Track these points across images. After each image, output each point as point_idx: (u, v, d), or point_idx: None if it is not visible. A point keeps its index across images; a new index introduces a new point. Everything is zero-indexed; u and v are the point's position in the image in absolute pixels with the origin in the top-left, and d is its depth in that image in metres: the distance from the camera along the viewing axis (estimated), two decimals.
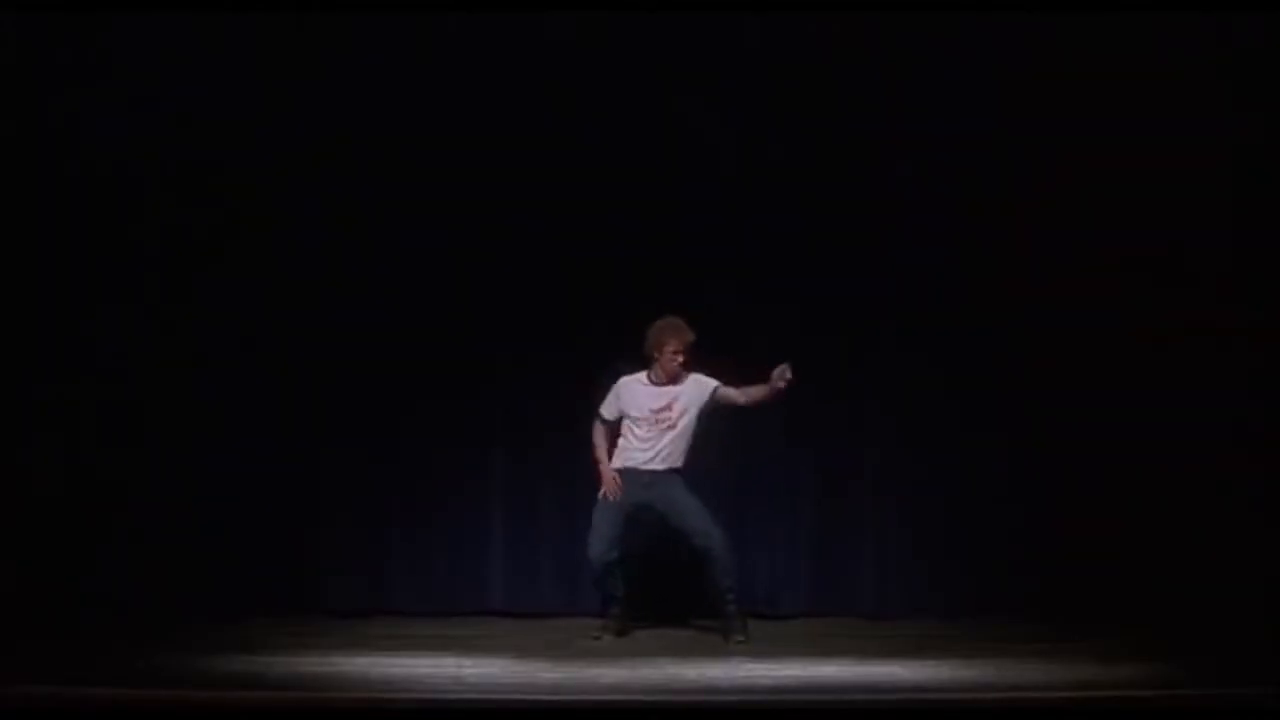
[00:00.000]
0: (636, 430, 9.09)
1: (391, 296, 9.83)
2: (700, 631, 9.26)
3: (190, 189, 9.69)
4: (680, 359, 9.02)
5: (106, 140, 9.59)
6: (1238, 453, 9.39)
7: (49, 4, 9.35)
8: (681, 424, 9.06)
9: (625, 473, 9.11)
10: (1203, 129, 9.45)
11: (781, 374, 8.78)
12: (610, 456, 9.17)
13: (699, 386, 9.08)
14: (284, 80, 9.72)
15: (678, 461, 9.08)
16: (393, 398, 9.83)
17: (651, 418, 9.05)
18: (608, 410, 9.17)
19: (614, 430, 9.19)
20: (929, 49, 9.66)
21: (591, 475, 9.54)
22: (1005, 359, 9.73)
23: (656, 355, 9.05)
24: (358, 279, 9.83)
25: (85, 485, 9.54)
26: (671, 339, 9.00)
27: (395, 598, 9.86)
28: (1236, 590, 9.20)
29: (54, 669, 7.67)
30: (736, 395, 9.03)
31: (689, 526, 9.03)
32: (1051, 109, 9.57)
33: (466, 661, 8.35)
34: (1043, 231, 9.56)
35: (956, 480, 9.83)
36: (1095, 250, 9.55)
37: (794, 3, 9.57)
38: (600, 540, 9.06)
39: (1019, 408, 9.72)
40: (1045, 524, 9.67)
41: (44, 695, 7.24)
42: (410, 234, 9.84)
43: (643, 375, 9.14)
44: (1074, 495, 9.61)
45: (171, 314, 9.71)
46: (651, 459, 9.07)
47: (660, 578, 9.42)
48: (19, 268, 9.54)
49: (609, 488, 9.09)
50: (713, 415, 9.13)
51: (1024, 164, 9.60)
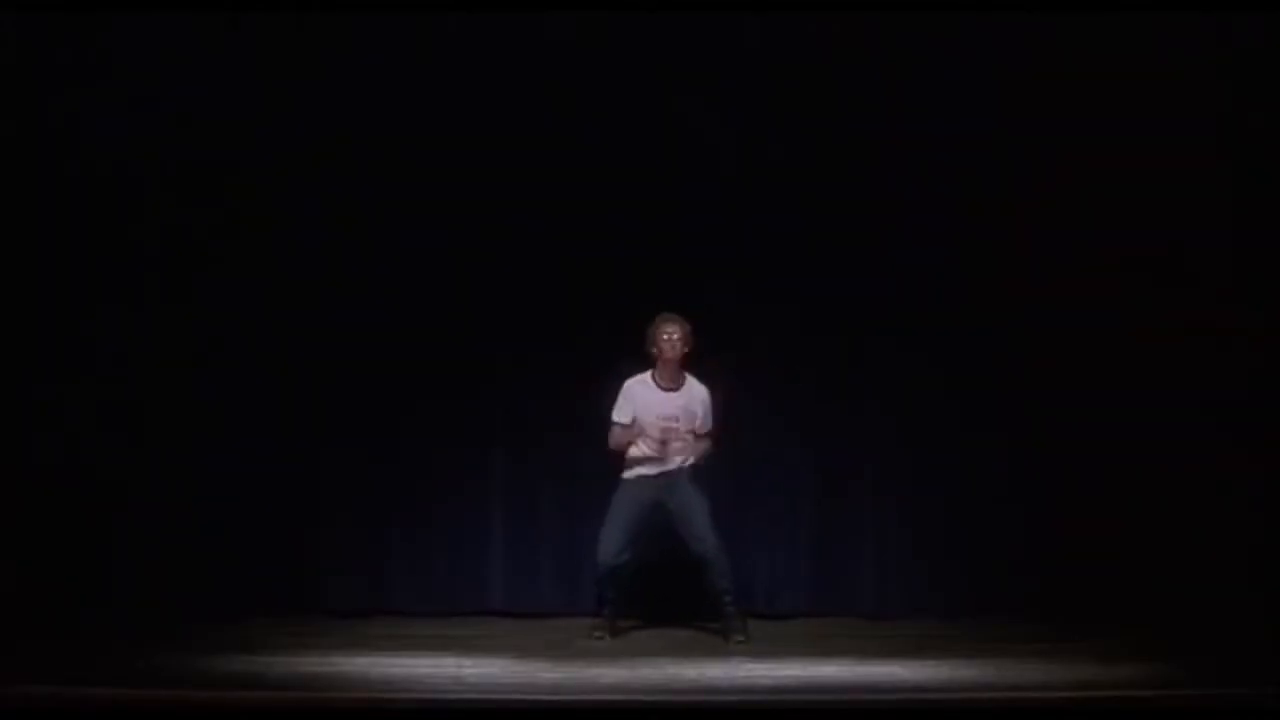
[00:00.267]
0: (644, 441, 9.10)
1: (391, 296, 9.83)
2: (700, 631, 9.26)
3: (190, 189, 9.69)
4: (675, 342, 9.02)
5: (106, 140, 9.58)
6: (1238, 453, 9.38)
7: (49, 4, 9.35)
8: (686, 427, 9.09)
9: (640, 480, 9.12)
10: (1203, 129, 9.46)
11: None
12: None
13: (697, 391, 9.12)
14: (284, 80, 9.73)
15: (689, 459, 9.10)
16: (393, 398, 9.83)
17: (658, 425, 9.06)
18: (622, 415, 9.12)
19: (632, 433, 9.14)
20: (929, 49, 9.66)
21: (592, 475, 9.58)
22: (1005, 359, 9.73)
23: (655, 349, 9.06)
24: (358, 279, 9.83)
25: (85, 485, 9.53)
26: (665, 326, 9.03)
27: (395, 598, 9.86)
28: (1236, 590, 9.20)
29: (54, 669, 7.68)
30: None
31: (690, 529, 9.04)
32: (1051, 109, 9.57)
33: (466, 661, 8.36)
34: (1043, 231, 9.56)
35: (956, 480, 9.83)
36: (1095, 250, 9.55)
37: (794, 3, 9.57)
38: (612, 542, 9.05)
39: (1019, 408, 9.73)
40: (1045, 524, 9.67)
41: (44, 695, 7.25)
42: (410, 234, 9.84)
43: (647, 376, 9.14)
44: (1074, 495, 9.61)
45: (171, 314, 9.71)
46: (664, 465, 9.10)
47: (660, 578, 9.41)
48: (19, 267, 9.53)
49: (633, 434, 9.05)
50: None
51: (1024, 164, 9.60)
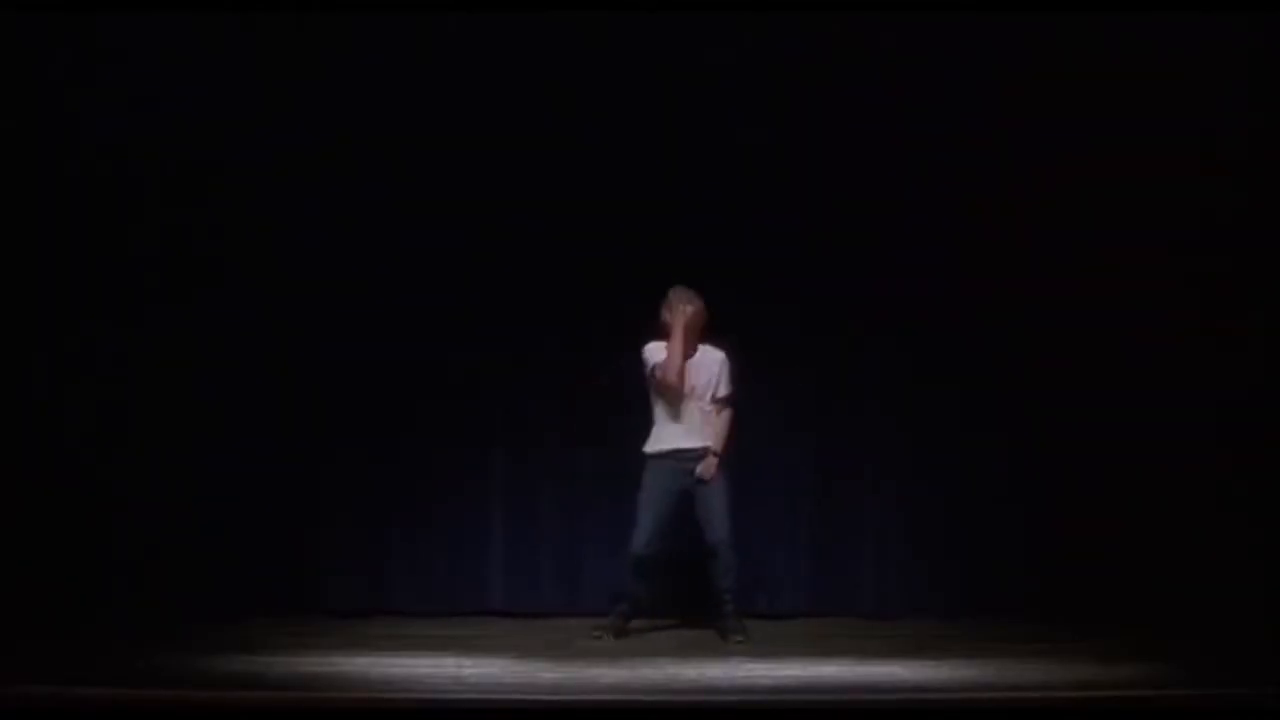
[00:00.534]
0: (665, 411, 9.07)
1: (391, 297, 9.83)
2: (700, 631, 9.26)
3: (190, 190, 9.69)
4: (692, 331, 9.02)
5: (107, 140, 9.59)
6: (1237, 453, 9.38)
7: (49, 4, 9.35)
8: (707, 396, 9.07)
9: (669, 455, 9.06)
10: (1203, 129, 9.45)
11: (706, 469, 9.03)
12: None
13: (712, 356, 9.09)
14: (284, 80, 9.72)
15: (712, 438, 9.07)
16: (392, 398, 9.84)
17: (679, 387, 9.02)
18: (656, 356, 9.08)
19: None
20: (929, 49, 9.65)
21: (592, 475, 9.61)
22: (1005, 359, 9.73)
23: (670, 327, 9.05)
24: (358, 279, 9.84)
25: (85, 485, 9.53)
26: (682, 306, 9.03)
27: (395, 598, 9.86)
28: (1236, 590, 9.20)
29: (54, 669, 7.67)
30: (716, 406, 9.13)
31: (707, 515, 9.01)
32: (1051, 109, 9.57)
33: (466, 661, 8.35)
34: (1043, 232, 9.55)
35: (956, 480, 9.84)
36: (1095, 250, 9.55)
37: (794, 3, 9.57)
38: (642, 531, 9.02)
39: (1019, 408, 9.73)
40: (1045, 524, 9.68)
41: (44, 695, 7.24)
42: (410, 234, 9.85)
43: (663, 345, 9.10)
44: (1074, 495, 9.61)
45: (171, 314, 9.71)
46: (689, 434, 9.05)
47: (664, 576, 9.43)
48: (19, 267, 9.54)
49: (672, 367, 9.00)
50: None
51: (1025, 164, 9.58)
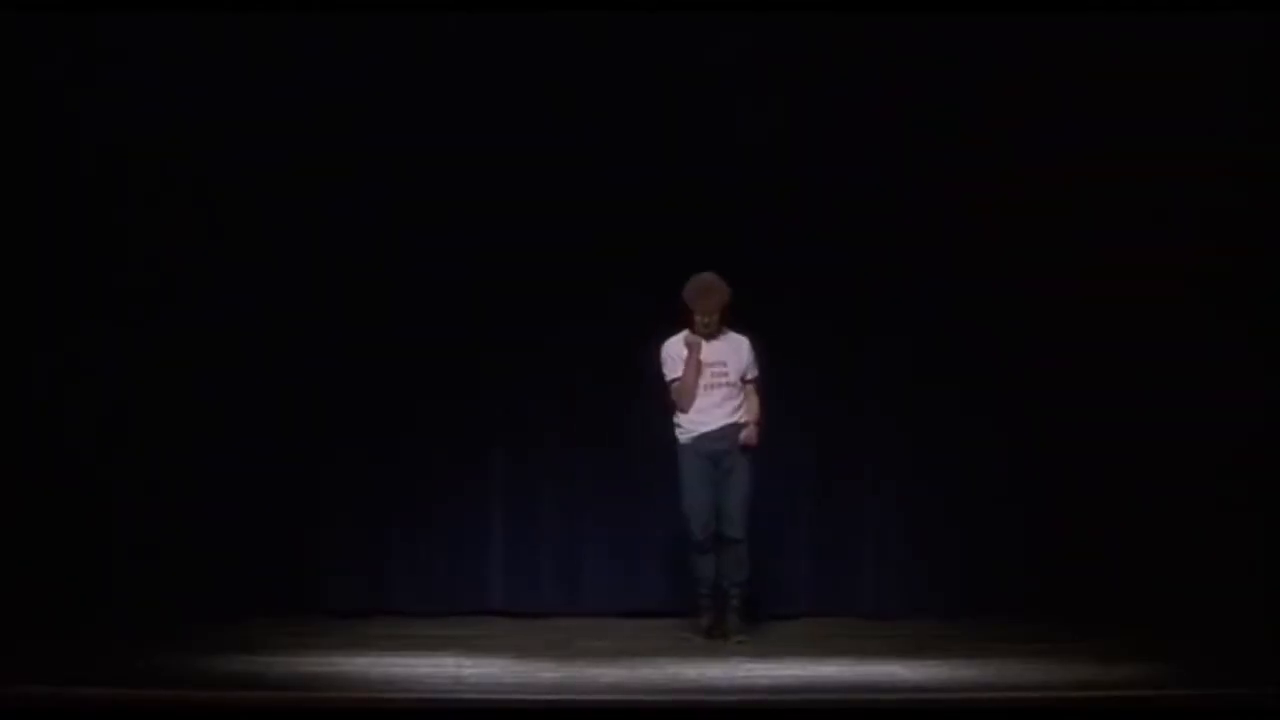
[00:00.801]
0: (698, 396, 9.00)
1: (391, 297, 9.82)
2: (709, 631, 9.22)
3: (190, 190, 9.69)
4: (714, 316, 8.96)
5: (107, 140, 9.58)
6: (1237, 453, 9.39)
7: (49, 4, 9.34)
8: (734, 378, 9.02)
9: (701, 439, 9.00)
10: (1203, 130, 9.45)
11: (749, 437, 8.98)
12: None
13: (736, 342, 9.04)
14: (284, 80, 9.71)
15: (742, 416, 9.02)
16: (393, 398, 9.83)
17: (709, 377, 8.99)
18: (673, 371, 9.03)
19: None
20: (930, 49, 9.64)
21: (592, 475, 9.61)
22: (1005, 359, 9.73)
23: (693, 315, 8.99)
24: (358, 279, 9.83)
25: (85, 485, 9.53)
26: (707, 297, 8.94)
27: (395, 598, 9.86)
28: (1236, 590, 9.20)
29: (54, 669, 7.67)
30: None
31: (725, 509, 8.97)
32: (1054, 110, 9.57)
33: (466, 661, 8.35)
34: (1044, 232, 9.54)
35: (956, 480, 9.83)
36: (1096, 251, 9.54)
37: (794, 3, 9.56)
38: (698, 514, 8.95)
39: (1019, 408, 9.73)
40: (1045, 524, 9.67)
41: (44, 695, 7.24)
42: (410, 234, 9.84)
43: (685, 333, 9.04)
44: (1074, 495, 9.61)
45: (171, 314, 9.70)
46: (716, 416, 9.00)
47: (662, 574, 9.42)
48: (18, 268, 9.53)
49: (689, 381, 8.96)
50: None
51: (1026, 165, 9.57)
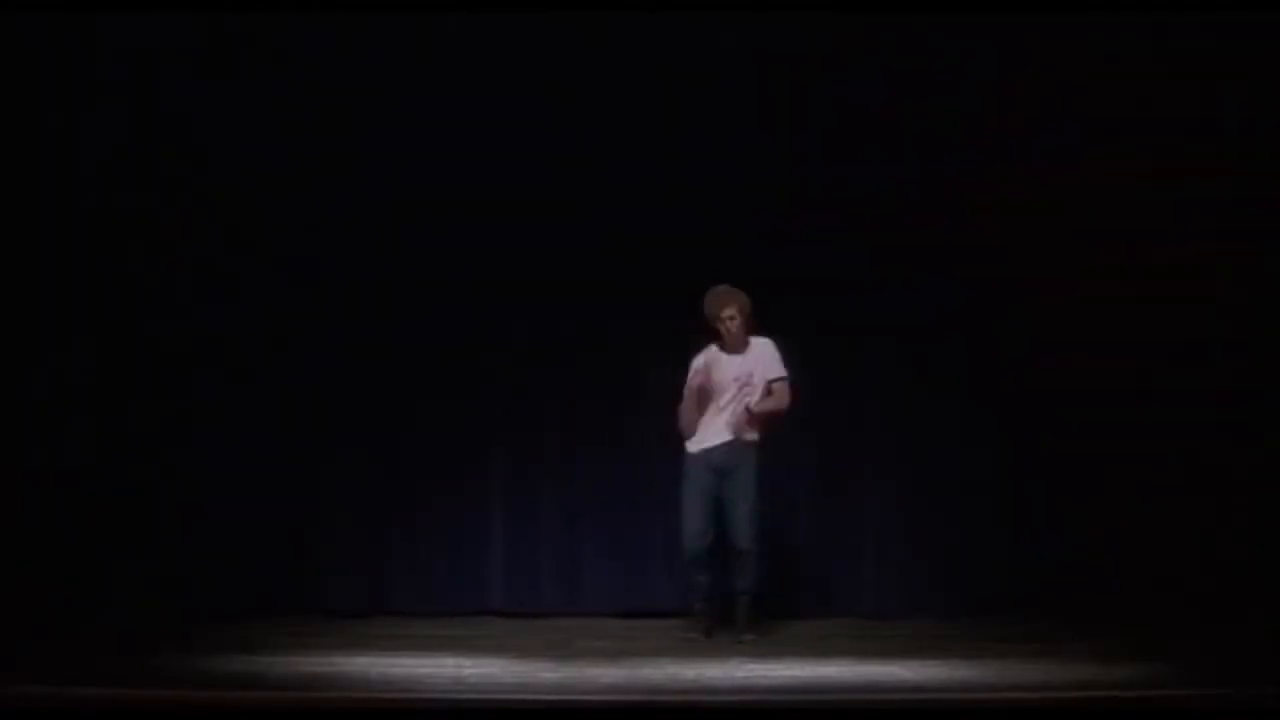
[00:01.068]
0: (713, 405, 9.01)
1: (391, 297, 9.83)
2: (709, 633, 9.23)
3: (190, 190, 9.69)
4: (737, 322, 8.96)
5: (107, 140, 9.59)
6: (1237, 453, 9.39)
7: (49, 4, 9.34)
8: (757, 389, 9.01)
9: (710, 451, 9.02)
10: (1202, 130, 9.46)
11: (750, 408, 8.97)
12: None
13: (762, 349, 9.04)
14: (284, 80, 9.72)
15: (754, 434, 9.01)
16: (393, 398, 9.83)
17: (734, 387, 8.99)
18: (695, 381, 9.04)
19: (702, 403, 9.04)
20: (930, 52, 9.64)
21: (592, 475, 9.60)
22: (1005, 359, 9.73)
23: (716, 324, 9.00)
24: (358, 279, 9.84)
25: (85, 485, 9.53)
26: (727, 304, 8.97)
27: (395, 598, 9.86)
28: (1236, 590, 9.20)
29: (54, 669, 7.67)
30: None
31: (734, 517, 8.97)
32: (1052, 109, 9.57)
33: (466, 661, 8.35)
34: (1043, 232, 9.55)
35: (956, 480, 9.83)
36: (1096, 251, 9.55)
37: (794, 3, 9.56)
38: (693, 523, 8.97)
39: (1019, 408, 9.73)
40: (1045, 524, 9.67)
41: (44, 695, 7.23)
42: (410, 234, 9.84)
43: (713, 348, 9.05)
44: (1073, 495, 9.61)
45: (171, 314, 9.71)
46: (729, 430, 9.00)
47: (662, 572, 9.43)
48: (18, 268, 9.53)
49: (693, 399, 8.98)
50: None
51: (1025, 164, 9.58)
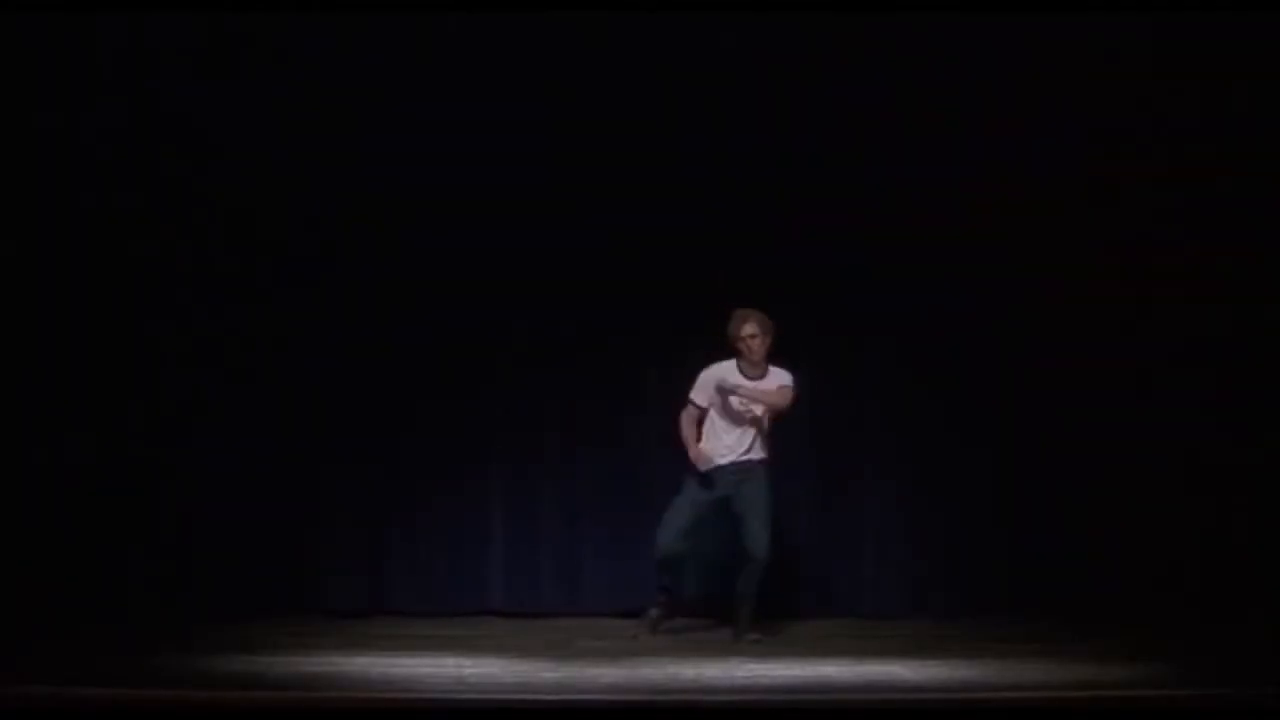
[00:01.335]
0: (721, 422, 9.04)
1: (391, 297, 9.82)
2: (700, 630, 9.25)
3: (190, 190, 9.69)
4: (756, 341, 8.96)
5: (106, 140, 9.59)
6: (1238, 453, 9.39)
7: (49, 4, 9.34)
8: (765, 415, 9.04)
9: (715, 471, 9.03)
10: (1202, 131, 9.46)
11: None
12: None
13: (779, 378, 9.02)
14: (284, 80, 9.72)
15: (761, 452, 9.05)
16: (393, 398, 9.83)
17: (740, 407, 9.00)
18: (700, 397, 9.07)
19: (702, 418, 9.06)
20: (931, 54, 9.64)
21: (592, 476, 9.60)
22: (1006, 359, 9.73)
23: (736, 343, 9.01)
24: (358, 279, 9.83)
25: (85, 485, 9.52)
26: (747, 323, 8.98)
27: (395, 598, 9.86)
28: (1236, 590, 9.20)
29: (54, 669, 7.67)
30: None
31: (747, 527, 8.98)
32: (1051, 110, 9.57)
33: (466, 661, 8.35)
34: (1043, 232, 9.55)
35: (956, 480, 9.84)
36: (1095, 251, 9.55)
37: (794, 4, 9.55)
38: (671, 529, 9.01)
39: (1019, 408, 9.73)
40: (1045, 524, 9.67)
41: (44, 695, 7.23)
42: (410, 234, 9.84)
43: (732, 364, 9.06)
44: (1073, 495, 9.62)
45: (171, 314, 9.70)
46: (738, 452, 9.02)
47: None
48: (17, 269, 9.52)
49: (700, 460, 9.00)
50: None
51: (1025, 165, 9.58)
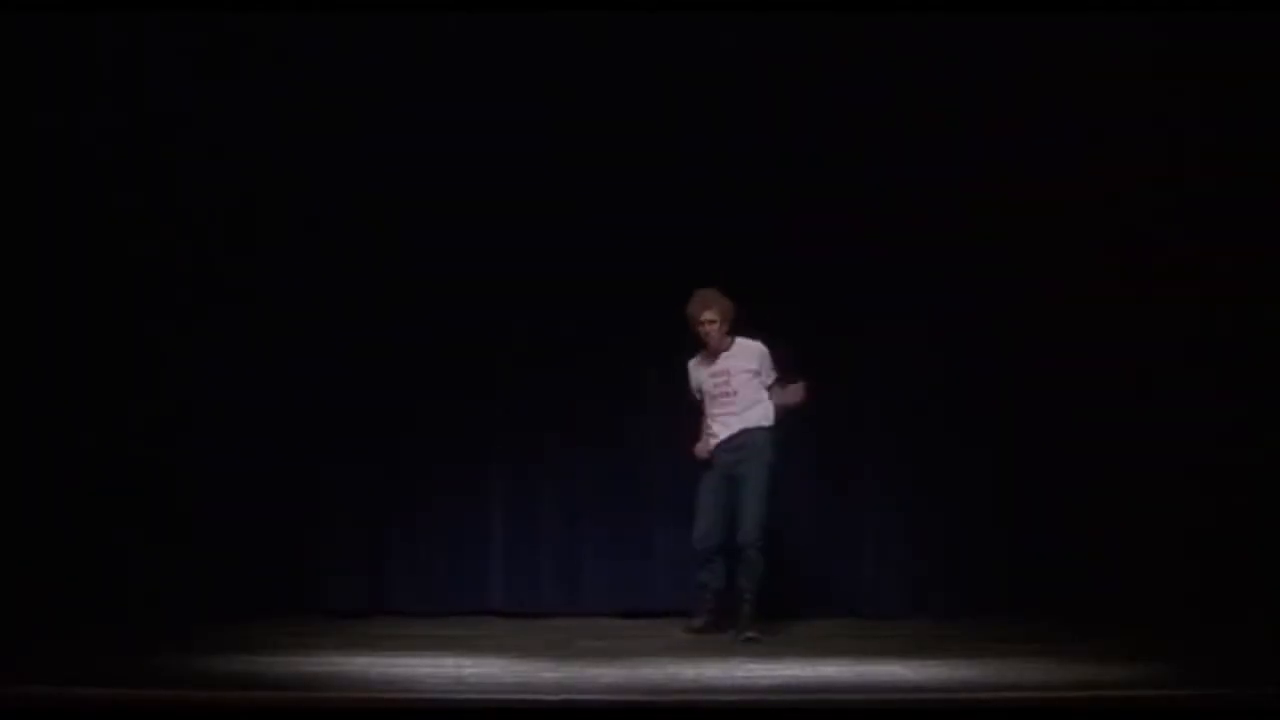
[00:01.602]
0: (708, 405, 9.11)
1: (391, 298, 9.83)
2: (701, 631, 9.24)
3: (190, 192, 9.69)
4: (713, 327, 9.02)
5: (106, 140, 9.59)
6: (1238, 453, 9.38)
7: (49, 4, 9.34)
8: (740, 386, 9.05)
9: (715, 450, 9.07)
10: (1201, 131, 9.46)
11: (796, 391, 8.94)
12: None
13: (745, 349, 9.09)
14: (284, 80, 9.73)
15: (758, 420, 9.05)
16: (393, 398, 9.83)
17: (713, 388, 9.06)
18: (693, 388, 9.18)
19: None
20: (931, 54, 9.65)
21: (592, 475, 9.65)
22: (1006, 359, 9.73)
23: (695, 327, 9.06)
24: (358, 280, 9.84)
25: (86, 485, 9.53)
26: (706, 309, 9.02)
27: (395, 598, 9.87)
28: (1236, 590, 9.20)
29: (54, 669, 7.67)
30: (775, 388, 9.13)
31: (741, 516, 9.00)
32: (1051, 110, 9.58)
33: (466, 661, 8.35)
34: (1043, 232, 9.55)
35: (956, 480, 9.84)
36: (1095, 251, 9.56)
37: (794, 4, 9.55)
38: (699, 525, 9.04)
39: (1019, 408, 9.73)
40: (1045, 524, 9.67)
41: (44, 695, 7.24)
42: (410, 234, 9.84)
43: (702, 354, 9.16)
44: (1073, 495, 9.62)
45: (170, 316, 9.71)
46: (732, 428, 9.04)
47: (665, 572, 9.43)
48: (16, 269, 9.52)
49: (701, 449, 9.07)
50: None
51: (1025, 165, 9.59)
